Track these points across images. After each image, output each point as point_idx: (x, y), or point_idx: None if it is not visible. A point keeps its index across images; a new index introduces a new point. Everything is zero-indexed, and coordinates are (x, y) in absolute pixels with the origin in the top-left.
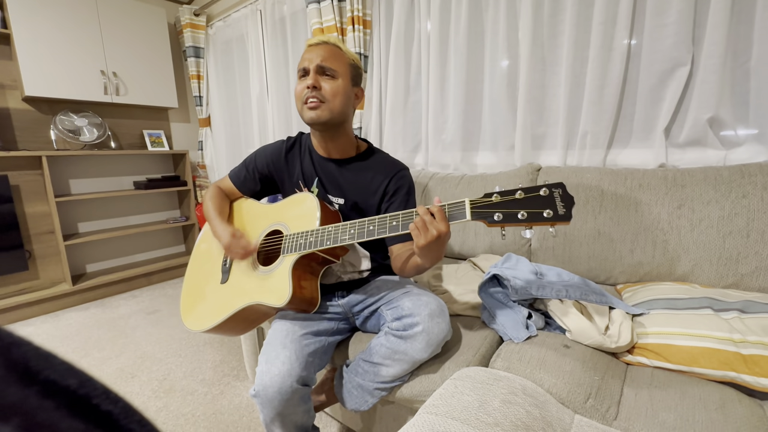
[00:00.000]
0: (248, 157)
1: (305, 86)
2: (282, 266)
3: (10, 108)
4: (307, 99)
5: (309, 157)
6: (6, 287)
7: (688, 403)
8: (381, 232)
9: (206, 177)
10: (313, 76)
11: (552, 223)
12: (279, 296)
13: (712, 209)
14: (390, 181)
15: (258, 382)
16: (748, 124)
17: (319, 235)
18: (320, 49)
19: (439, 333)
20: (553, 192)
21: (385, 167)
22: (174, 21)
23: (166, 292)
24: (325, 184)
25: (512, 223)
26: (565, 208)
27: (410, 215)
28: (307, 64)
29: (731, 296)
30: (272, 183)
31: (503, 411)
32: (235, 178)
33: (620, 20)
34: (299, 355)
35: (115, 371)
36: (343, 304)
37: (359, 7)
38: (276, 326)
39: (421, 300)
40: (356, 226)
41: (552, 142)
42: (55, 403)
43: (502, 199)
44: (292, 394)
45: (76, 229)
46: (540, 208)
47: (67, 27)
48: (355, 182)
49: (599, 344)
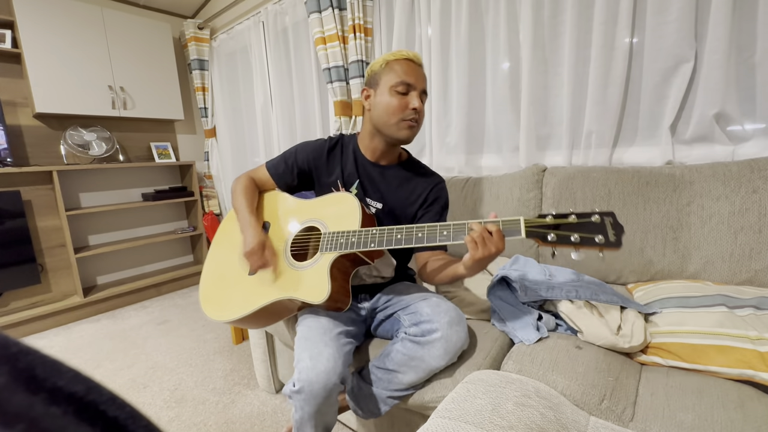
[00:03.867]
0: (288, 150)
1: (410, 106)
2: (320, 263)
3: (21, 125)
4: (411, 119)
5: (353, 159)
6: (19, 300)
7: (706, 402)
8: (431, 239)
9: (213, 187)
10: (419, 99)
11: (602, 248)
12: (317, 293)
13: (722, 205)
14: (431, 191)
15: (303, 378)
16: (755, 118)
17: (362, 236)
18: (422, 71)
19: (457, 341)
20: (604, 219)
21: (427, 177)
22: (179, 35)
23: (175, 303)
24: (366, 188)
25: (565, 244)
26: (615, 236)
27: (462, 227)
28: (413, 81)
29: (745, 293)
30: (309, 179)
31: (517, 414)
32: (273, 170)
33: (621, 19)
34: (340, 354)
35: (127, 382)
36: (368, 307)
37: (360, 15)
38: (309, 322)
39: (440, 307)
40: (403, 232)
41: (557, 143)
42: (62, 410)
43: (555, 221)
44: (333, 391)
45: (86, 242)
46: (592, 234)
47: (75, 45)
48: (398, 189)
49: (612, 344)
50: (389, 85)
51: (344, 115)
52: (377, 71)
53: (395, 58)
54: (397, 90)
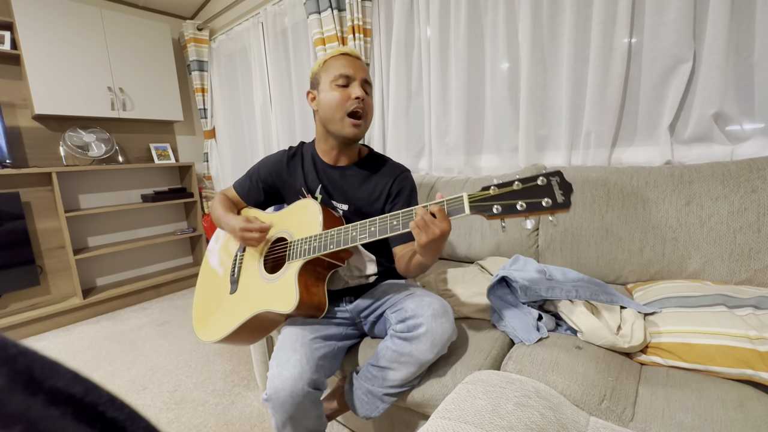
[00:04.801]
0: (252, 168)
1: (352, 96)
2: (288, 273)
3: (20, 126)
4: (356, 110)
5: (312, 165)
6: (18, 302)
7: (706, 402)
8: (383, 232)
9: (212, 188)
10: (362, 89)
11: (551, 211)
12: (286, 302)
13: (721, 205)
14: (393, 183)
15: (270, 386)
16: (754, 118)
17: (323, 240)
18: (360, 63)
19: (443, 333)
20: (550, 180)
21: (388, 170)
22: (178, 36)
23: (175, 304)
24: (329, 191)
25: (511, 214)
26: (564, 195)
27: (410, 214)
28: (352, 72)
29: (745, 292)
30: (276, 193)
31: (517, 414)
32: (239, 189)
33: (620, 19)
34: (310, 359)
35: (126, 383)
36: (351, 309)
37: (359, 15)
38: (285, 332)
39: (424, 301)
40: (357, 228)
41: (556, 143)
42: (61, 411)
43: (500, 192)
44: (304, 398)
45: (85, 244)
46: (538, 198)
47: (74, 46)
48: (360, 188)
49: (612, 344)
50: (329, 81)
51: None
52: (317, 72)
53: (331, 55)
54: (338, 84)
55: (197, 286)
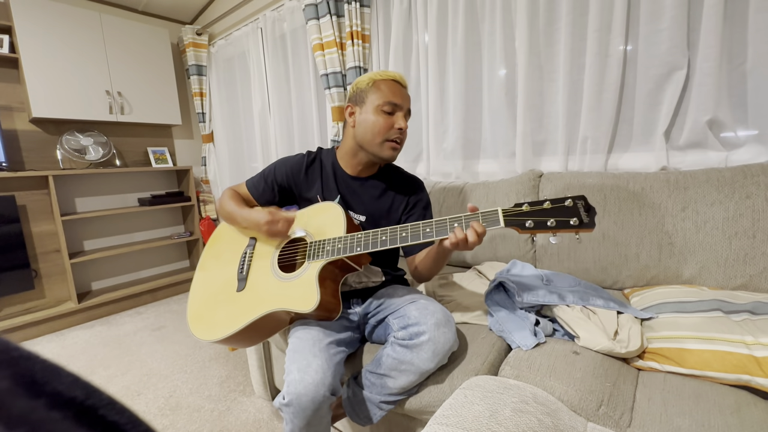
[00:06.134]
0: (267, 168)
1: (396, 126)
2: (308, 272)
3: (17, 129)
4: (395, 139)
5: (332, 174)
6: (12, 307)
7: (703, 407)
8: (415, 238)
9: (210, 192)
10: (404, 120)
11: (577, 230)
12: (306, 302)
13: (716, 211)
14: (411, 197)
15: (291, 391)
16: (748, 125)
17: (348, 242)
18: (407, 93)
19: (445, 342)
20: (576, 203)
21: (405, 182)
22: (177, 41)
23: (171, 308)
24: (348, 201)
25: (543, 229)
26: (589, 217)
27: (443, 224)
28: (400, 102)
29: (741, 298)
30: (290, 195)
31: (515, 420)
32: (253, 189)
33: (615, 27)
34: (330, 364)
35: (121, 389)
36: (359, 312)
37: (358, 22)
38: (300, 334)
39: (427, 309)
40: (388, 233)
41: (552, 149)
42: (62, 414)
43: (532, 209)
44: (323, 404)
45: (81, 247)
46: (567, 217)
47: (73, 49)
48: (378, 199)
49: (609, 350)
50: (375, 104)
51: (342, 120)
52: (363, 89)
53: (382, 78)
54: (384, 110)
55: (194, 284)
